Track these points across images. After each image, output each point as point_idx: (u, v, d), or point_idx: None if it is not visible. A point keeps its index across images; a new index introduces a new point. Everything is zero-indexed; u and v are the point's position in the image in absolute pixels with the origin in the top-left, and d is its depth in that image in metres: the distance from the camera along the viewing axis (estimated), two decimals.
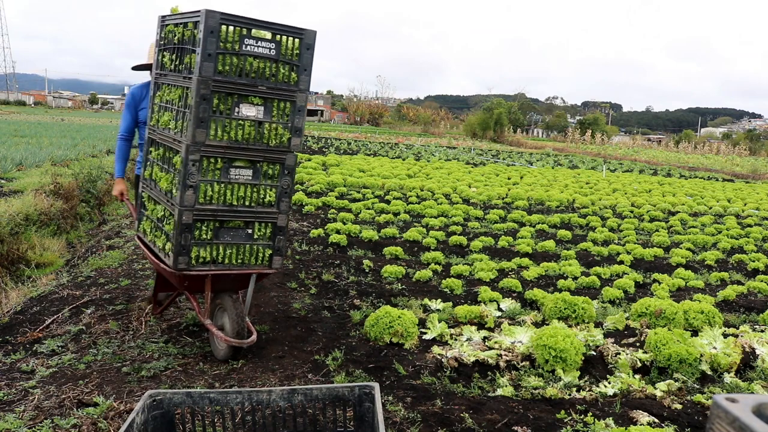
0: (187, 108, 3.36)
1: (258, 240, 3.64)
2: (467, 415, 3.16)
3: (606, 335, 4.43)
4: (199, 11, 3.29)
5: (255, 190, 3.56)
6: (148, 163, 3.94)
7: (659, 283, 6.29)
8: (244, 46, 3.34)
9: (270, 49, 3.41)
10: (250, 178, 3.54)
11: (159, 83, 3.86)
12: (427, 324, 4.39)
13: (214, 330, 3.65)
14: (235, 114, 3.40)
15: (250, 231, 3.63)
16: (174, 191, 3.47)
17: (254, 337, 3.62)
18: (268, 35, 3.40)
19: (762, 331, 4.75)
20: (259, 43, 3.39)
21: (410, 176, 15.17)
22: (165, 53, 3.78)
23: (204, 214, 3.44)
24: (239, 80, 3.35)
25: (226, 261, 3.58)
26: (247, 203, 3.55)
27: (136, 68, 4.54)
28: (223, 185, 3.46)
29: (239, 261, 3.62)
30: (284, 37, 3.44)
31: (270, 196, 3.61)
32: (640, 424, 3.11)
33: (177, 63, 3.58)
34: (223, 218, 3.51)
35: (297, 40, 3.47)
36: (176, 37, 3.59)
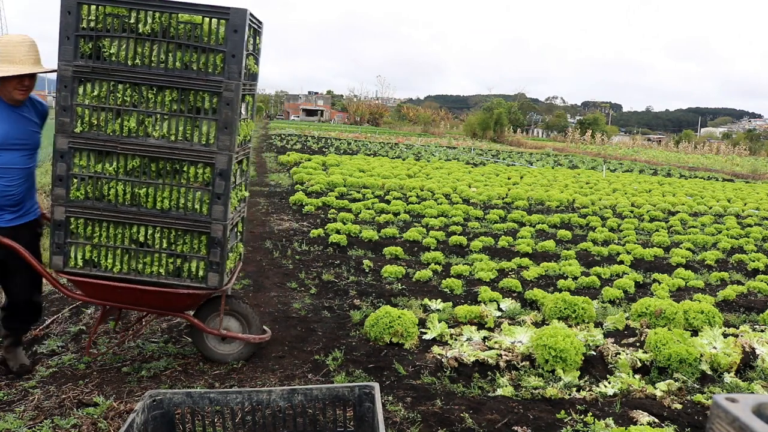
0: (207, 113, 3.18)
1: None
2: (467, 415, 3.16)
3: (606, 335, 4.43)
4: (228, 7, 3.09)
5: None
6: (86, 181, 3.22)
7: (659, 283, 6.28)
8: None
9: None
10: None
11: (92, 79, 3.16)
12: (427, 324, 4.39)
13: (243, 336, 3.68)
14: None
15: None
16: (186, 206, 3.25)
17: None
18: None
19: (762, 331, 4.75)
20: None
21: (410, 176, 15.17)
22: (107, 43, 3.11)
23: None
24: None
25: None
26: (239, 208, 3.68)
27: None
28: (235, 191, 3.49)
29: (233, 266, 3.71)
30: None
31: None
32: (640, 424, 3.11)
33: (157, 59, 3.13)
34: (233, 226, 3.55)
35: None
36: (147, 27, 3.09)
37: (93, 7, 3.07)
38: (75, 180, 3.22)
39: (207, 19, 3.10)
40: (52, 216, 3.25)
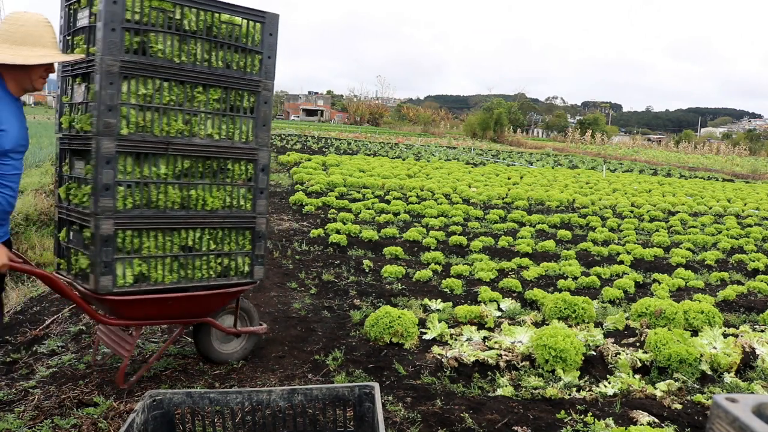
0: (245, 112, 3.33)
1: None
2: (467, 415, 3.16)
3: (606, 335, 4.43)
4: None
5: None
6: (132, 188, 3.00)
7: (659, 283, 6.28)
8: None
9: None
10: None
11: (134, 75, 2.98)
12: (427, 324, 4.39)
13: (253, 329, 3.70)
14: None
15: None
16: (232, 204, 3.32)
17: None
18: None
19: (762, 331, 4.75)
20: None
21: (410, 176, 15.17)
22: (154, 37, 3.01)
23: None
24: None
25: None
26: None
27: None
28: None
29: None
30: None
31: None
32: (640, 424, 3.11)
33: (202, 58, 3.14)
34: None
35: None
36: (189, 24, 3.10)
37: None
38: (121, 188, 2.97)
39: (245, 21, 3.24)
40: (98, 231, 2.90)
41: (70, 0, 3.18)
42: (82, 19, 3.08)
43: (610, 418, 3.17)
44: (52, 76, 2.96)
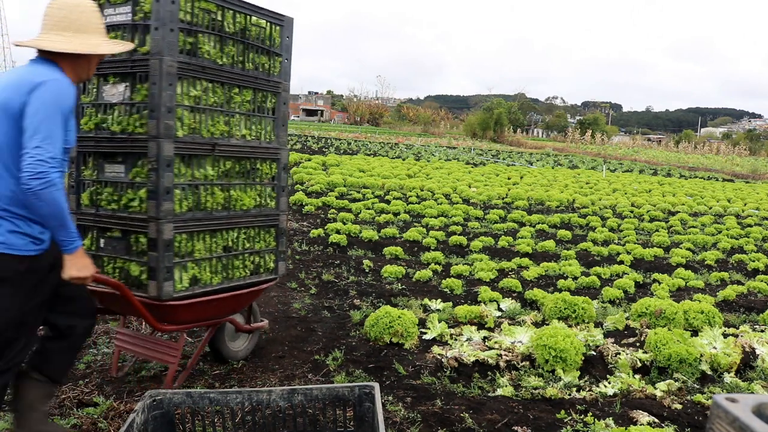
0: (268, 112, 3.45)
1: None
2: (467, 415, 3.15)
3: (606, 335, 4.43)
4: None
5: None
6: (185, 190, 2.97)
7: (659, 283, 6.29)
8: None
9: None
10: None
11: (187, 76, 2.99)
12: (427, 324, 4.39)
13: (262, 324, 3.77)
14: None
15: None
16: (261, 203, 3.43)
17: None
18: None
19: (762, 331, 4.75)
20: None
21: (410, 176, 15.17)
22: (203, 39, 3.01)
23: None
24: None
25: None
26: None
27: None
28: None
29: None
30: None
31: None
32: (640, 424, 3.11)
33: (237, 60, 3.21)
34: None
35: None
36: (233, 27, 3.15)
37: None
38: (177, 191, 2.92)
39: (268, 24, 3.37)
40: (161, 236, 2.83)
41: None
42: (118, 16, 2.97)
43: (610, 418, 3.17)
44: None
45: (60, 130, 2.29)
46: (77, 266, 2.37)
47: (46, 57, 2.42)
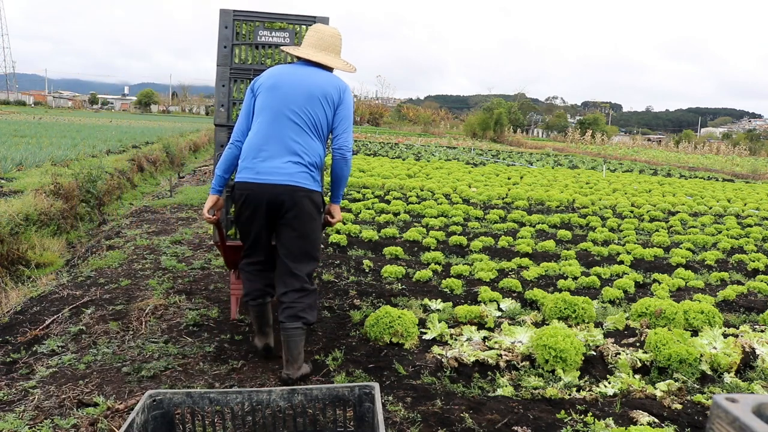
0: None
1: None
2: (467, 415, 3.16)
3: (606, 335, 4.43)
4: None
5: None
6: None
7: (659, 283, 6.28)
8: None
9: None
10: None
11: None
12: (427, 324, 4.39)
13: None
14: None
15: None
16: None
17: None
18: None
19: (762, 331, 4.75)
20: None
21: (410, 176, 15.17)
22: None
23: None
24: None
25: None
26: None
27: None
28: None
29: None
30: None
31: None
32: (640, 424, 3.11)
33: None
34: None
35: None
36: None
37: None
38: None
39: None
40: None
41: (239, 17, 3.94)
42: (274, 38, 3.99)
43: (610, 418, 3.17)
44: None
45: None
46: (340, 213, 3.76)
47: (320, 66, 3.47)
